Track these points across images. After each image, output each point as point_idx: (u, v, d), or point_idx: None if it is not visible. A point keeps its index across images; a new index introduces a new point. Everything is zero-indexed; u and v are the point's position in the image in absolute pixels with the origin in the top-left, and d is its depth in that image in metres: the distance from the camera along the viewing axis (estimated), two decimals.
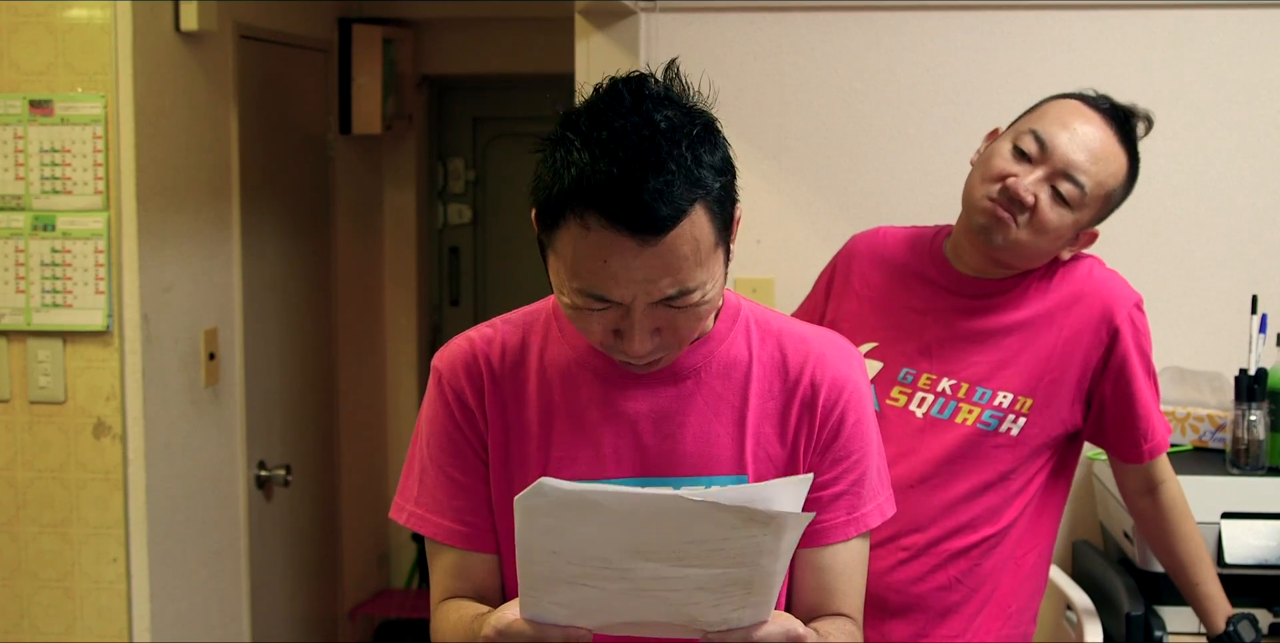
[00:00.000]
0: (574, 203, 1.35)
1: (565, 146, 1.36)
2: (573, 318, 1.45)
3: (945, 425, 2.11)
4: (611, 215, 1.33)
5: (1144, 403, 2.14)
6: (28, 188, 2.89)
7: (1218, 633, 2.21)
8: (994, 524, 2.12)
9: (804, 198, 3.06)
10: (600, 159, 1.33)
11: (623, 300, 1.39)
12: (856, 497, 1.56)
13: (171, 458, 3.10)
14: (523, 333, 1.58)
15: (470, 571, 1.57)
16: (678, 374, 1.53)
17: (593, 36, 3.06)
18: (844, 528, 1.56)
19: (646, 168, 1.32)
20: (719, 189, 1.38)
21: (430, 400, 1.58)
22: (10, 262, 2.90)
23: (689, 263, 1.37)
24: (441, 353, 1.59)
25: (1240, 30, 2.95)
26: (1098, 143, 2.05)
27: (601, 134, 1.34)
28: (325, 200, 4.27)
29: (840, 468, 1.56)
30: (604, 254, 1.35)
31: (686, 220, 1.35)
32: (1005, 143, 2.10)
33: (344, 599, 4.48)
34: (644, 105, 1.36)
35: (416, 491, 1.58)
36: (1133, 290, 2.15)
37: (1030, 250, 2.08)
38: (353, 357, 4.48)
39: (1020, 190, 2.03)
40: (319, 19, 4.17)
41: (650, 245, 1.34)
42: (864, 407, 1.57)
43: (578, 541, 1.26)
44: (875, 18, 3.03)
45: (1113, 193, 2.10)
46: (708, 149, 1.38)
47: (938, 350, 2.14)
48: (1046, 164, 2.04)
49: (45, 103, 2.87)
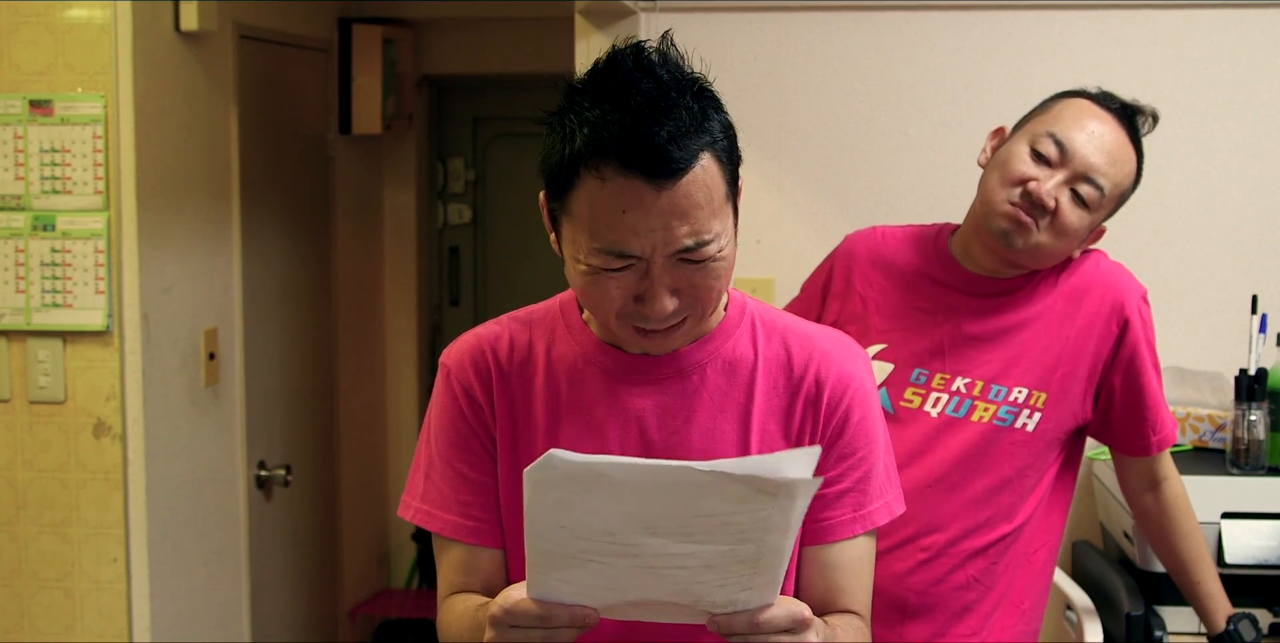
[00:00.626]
0: (588, 157, 1.37)
1: (574, 111, 1.39)
2: (590, 288, 1.44)
3: (961, 424, 2.11)
4: (627, 161, 1.35)
5: (1153, 394, 2.15)
6: (28, 188, 2.89)
7: (1218, 632, 2.21)
8: (1010, 522, 2.12)
9: (804, 198, 3.06)
10: (611, 111, 1.36)
11: (641, 253, 1.39)
12: (862, 494, 1.56)
13: (171, 458, 3.10)
14: (529, 330, 1.58)
15: (477, 566, 1.57)
16: (683, 370, 1.53)
17: (593, 36, 3.06)
18: (849, 525, 1.56)
19: (658, 112, 1.36)
20: (725, 141, 1.42)
21: (438, 396, 1.59)
22: (10, 262, 2.90)
23: (704, 211, 1.39)
24: (449, 349, 1.60)
25: (1240, 30, 2.95)
26: (1113, 144, 2.07)
27: (609, 87, 1.38)
28: (325, 200, 4.27)
29: (845, 465, 1.56)
30: (622, 204, 1.37)
31: (698, 166, 1.38)
32: (1021, 145, 2.09)
33: (344, 599, 4.48)
34: (644, 63, 1.40)
35: (423, 486, 1.59)
36: (1139, 283, 2.16)
37: (1049, 253, 2.09)
38: (353, 357, 4.48)
39: (1043, 195, 2.03)
40: (319, 19, 4.17)
41: (666, 190, 1.36)
42: (869, 405, 1.57)
43: (585, 514, 1.26)
44: (875, 18, 3.03)
45: (1125, 192, 2.11)
46: (711, 105, 1.42)
47: (950, 350, 2.13)
48: (1066, 168, 2.05)
49: (45, 103, 2.87)
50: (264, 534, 3.71)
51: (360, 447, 4.57)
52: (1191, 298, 2.97)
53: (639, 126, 1.35)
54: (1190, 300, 2.97)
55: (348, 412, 4.43)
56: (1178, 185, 2.97)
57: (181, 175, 3.15)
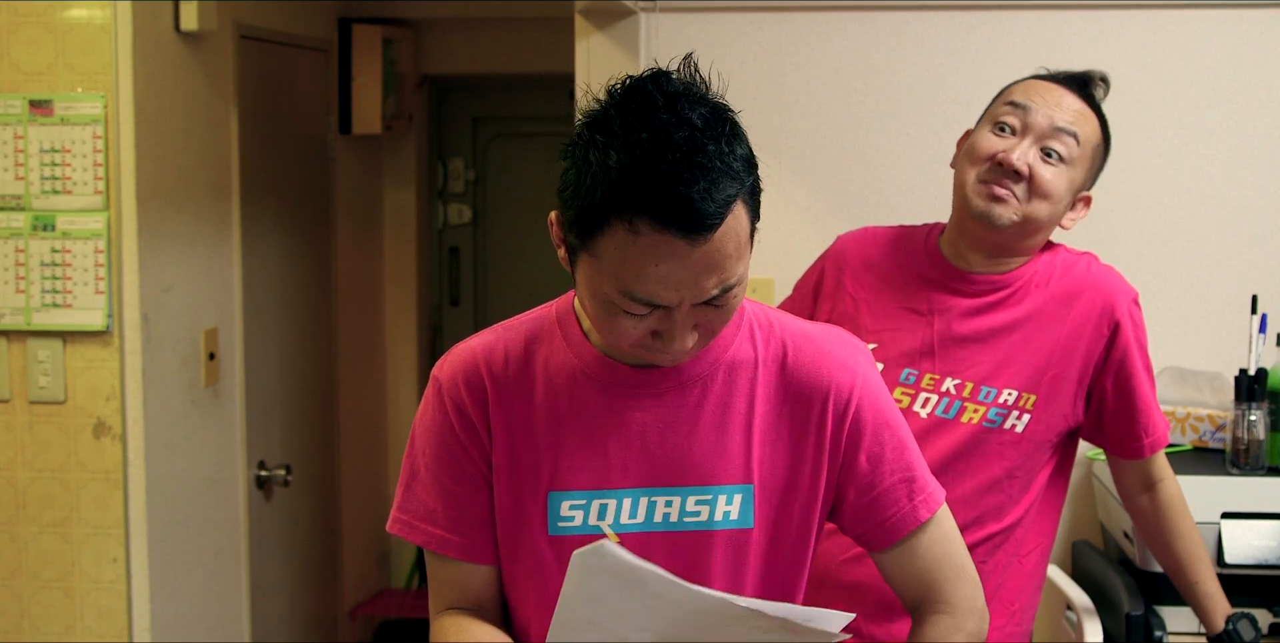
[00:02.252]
0: (621, 208, 1.33)
1: (600, 149, 1.35)
2: (606, 319, 1.42)
3: (950, 425, 2.11)
4: (663, 218, 1.32)
5: (1144, 397, 2.15)
6: (28, 188, 2.89)
7: (1217, 632, 2.21)
8: (999, 521, 2.12)
9: (804, 198, 3.06)
10: (645, 161, 1.32)
11: (669, 304, 1.38)
12: (910, 482, 1.56)
13: (171, 458, 3.10)
14: (525, 340, 1.55)
15: (467, 582, 1.56)
16: (684, 383, 1.52)
17: (593, 36, 3.06)
18: (912, 514, 1.55)
19: (694, 168, 1.32)
20: (750, 180, 1.40)
21: (428, 410, 1.56)
22: (10, 262, 2.90)
23: (731, 259, 1.38)
24: (442, 363, 1.57)
25: (1240, 30, 2.95)
26: (1071, 100, 2.11)
27: (641, 136, 1.33)
28: (325, 200, 4.27)
29: (882, 461, 1.55)
30: (655, 258, 1.34)
31: (730, 216, 1.36)
32: (983, 128, 2.14)
33: (344, 599, 4.48)
34: (677, 104, 1.35)
35: (409, 500, 1.57)
36: (1130, 286, 2.16)
37: (1036, 222, 2.09)
38: (353, 357, 4.48)
39: (1013, 160, 2.06)
40: (319, 19, 4.17)
41: (700, 246, 1.34)
42: (879, 398, 1.56)
43: (617, 615, 1.27)
44: (875, 18, 3.03)
45: (1097, 149, 2.13)
46: (739, 143, 1.39)
47: (940, 350, 2.14)
48: (1032, 130, 2.08)
49: (45, 103, 2.87)
50: (264, 534, 3.71)
51: (360, 447, 4.57)
52: (1191, 298, 2.97)
53: (676, 184, 1.31)
54: (1190, 300, 2.97)
55: (348, 412, 4.43)
56: (1178, 185, 2.97)
57: (181, 175, 3.15)
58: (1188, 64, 2.96)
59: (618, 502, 1.51)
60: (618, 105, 1.37)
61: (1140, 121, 2.96)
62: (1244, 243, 2.97)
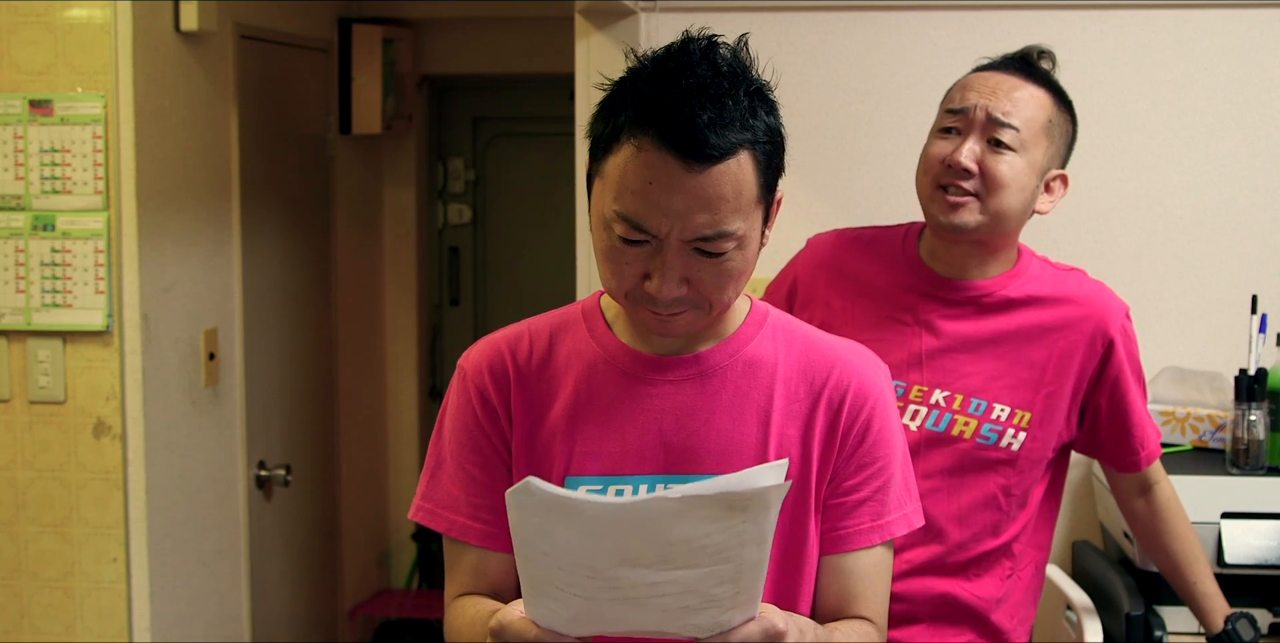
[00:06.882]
0: (632, 125, 1.41)
1: (630, 81, 1.44)
2: (608, 259, 1.46)
3: (941, 438, 2.09)
4: (664, 137, 1.38)
5: (1137, 412, 2.14)
6: (28, 188, 2.89)
7: (1216, 632, 2.21)
8: (996, 538, 2.11)
9: (804, 198, 3.06)
10: (666, 89, 1.40)
11: (658, 232, 1.41)
12: (881, 504, 1.57)
13: (171, 458, 3.10)
14: (551, 330, 1.59)
15: (485, 569, 1.57)
16: (704, 372, 1.54)
17: (593, 36, 3.06)
18: (867, 535, 1.56)
19: (706, 98, 1.39)
20: (767, 145, 1.43)
21: (452, 398, 1.59)
22: (10, 262, 2.90)
23: (728, 205, 1.40)
24: (468, 352, 1.61)
25: (1240, 30, 2.95)
26: (1007, 84, 2.07)
27: (669, 66, 1.42)
28: (325, 200, 4.27)
29: (864, 474, 1.56)
30: (650, 175, 1.39)
31: (733, 160, 1.39)
32: (931, 137, 2.13)
33: (344, 599, 4.48)
34: (711, 53, 1.44)
35: (433, 487, 1.59)
36: (1121, 301, 2.15)
37: (1004, 214, 2.05)
38: (353, 357, 4.48)
39: (960, 159, 2.03)
40: (319, 19, 4.17)
41: (695, 173, 1.38)
42: (889, 415, 1.58)
43: (564, 546, 1.26)
44: (875, 18, 3.03)
45: (1051, 123, 2.08)
46: (764, 107, 1.44)
47: (928, 361, 2.10)
48: (972, 126, 2.06)
49: (45, 103, 2.87)
50: (264, 534, 3.71)
51: (360, 447, 4.57)
52: (1191, 298, 2.97)
53: (684, 107, 1.38)
54: (1190, 300, 2.97)
55: (348, 412, 4.43)
56: (1178, 185, 2.97)
57: (181, 175, 3.15)
58: (1187, 64, 2.96)
59: (634, 488, 1.53)
60: (662, 54, 1.45)
61: (1140, 121, 2.96)
62: (1244, 243, 2.97)
